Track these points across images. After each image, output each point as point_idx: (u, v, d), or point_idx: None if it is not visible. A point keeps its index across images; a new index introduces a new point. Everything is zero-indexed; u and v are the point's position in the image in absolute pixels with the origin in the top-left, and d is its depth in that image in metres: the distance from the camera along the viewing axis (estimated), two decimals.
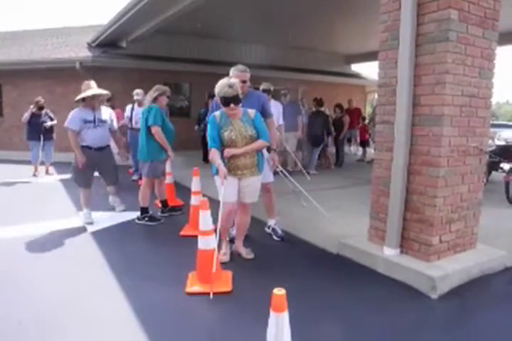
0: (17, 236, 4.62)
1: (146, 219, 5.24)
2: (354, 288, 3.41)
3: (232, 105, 3.52)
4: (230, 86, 3.48)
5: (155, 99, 5.16)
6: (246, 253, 4.00)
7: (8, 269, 3.73)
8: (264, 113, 4.14)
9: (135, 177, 8.10)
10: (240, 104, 3.61)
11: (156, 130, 5.01)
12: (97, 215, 5.51)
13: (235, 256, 3.99)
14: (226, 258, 3.89)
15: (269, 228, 4.67)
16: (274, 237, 4.55)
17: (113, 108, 7.41)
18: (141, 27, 9.37)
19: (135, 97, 7.84)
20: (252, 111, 3.73)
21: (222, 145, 3.63)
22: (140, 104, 7.76)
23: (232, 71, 4.16)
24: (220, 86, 3.53)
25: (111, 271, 3.69)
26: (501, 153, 7.09)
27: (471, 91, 3.53)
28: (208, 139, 3.65)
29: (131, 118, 7.87)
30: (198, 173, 4.89)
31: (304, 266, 3.82)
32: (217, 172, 3.58)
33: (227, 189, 3.59)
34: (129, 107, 8.08)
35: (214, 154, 3.55)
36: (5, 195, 6.98)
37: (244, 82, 4.05)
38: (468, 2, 3.32)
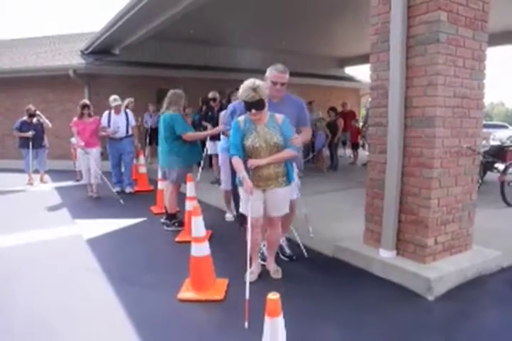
0: (12, 245, 4.59)
1: (177, 224, 5.21)
2: (350, 291, 3.40)
3: (253, 111, 3.19)
4: (254, 89, 3.13)
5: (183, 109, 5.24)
6: (273, 271, 3.61)
7: (3, 278, 3.71)
8: (300, 120, 3.73)
9: (118, 189, 7.64)
10: (265, 109, 3.27)
11: (187, 136, 5.01)
12: (92, 223, 5.50)
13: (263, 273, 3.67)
14: (252, 277, 3.44)
15: None
16: (282, 257, 4.02)
17: (90, 116, 7.14)
18: (134, 34, 9.38)
19: (115, 103, 7.35)
20: (280, 116, 3.34)
21: (244, 154, 3.30)
22: (118, 111, 7.45)
23: (270, 71, 3.63)
24: (244, 88, 3.19)
25: (106, 278, 3.67)
26: (495, 154, 7.11)
27: (463, 93, 3.54)
28: (230, 146, 3.33)
29: (108, 128, 7.40)
30: (192, 179, 4.88)
31: (300, 270, 3.80)
32: (241, 183, 3.29)
33: (250, 202, 3.28)
34: (105, 115, 7.49)
35: (238, 164, 3.24)
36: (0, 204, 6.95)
37: (282, 84, 3.60)
38: (457, 4, 3.34)
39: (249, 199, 3.21)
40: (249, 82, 3.22)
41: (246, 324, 2.72)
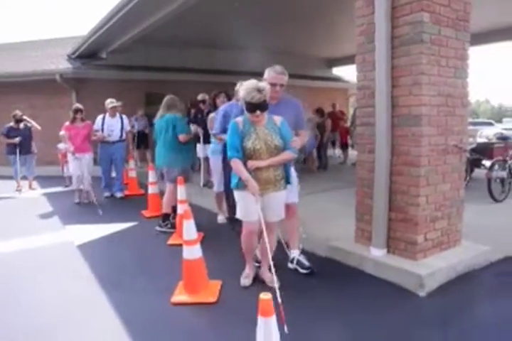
0: (3, 252, 4.57)
1: (169, 225, 5.24)
2: (343, 290, 3.43)
3: (258, 112, 3.11)
4: (259, 90, 3.06)
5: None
6: (270, 280, 3.39)
7: None
8: (297, 123, 3.63)
9: (107, 194, 7.63)
10: (267, 111, 3.20)
11: (182, 137, 5.24)
12: (83, 228, 5.48)
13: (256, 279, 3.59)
14: (247, 282, 3.46)
15: (292, 262, 3.83)
16: (302, 270, 3.75)
17: (83, 120, 7.05)
18: (121, 37, 9.35)
19: (111, 105, 7.31)
20: (278, 118, 3.29)
21: (243, 156, 3.20)
22: (113, 114, 7.41)
23: (268, 73, 3.57)
24: (247, 89, 3.09)
25: (99, 283, 3.66)
26: (482, 151, 7.21)
27: (447, 91, 3.60)
28: (228, 148, 3.21)
29: (102, 131, 7.35)
30: (183, 182, 4.88)
31: (293, 271, 3.82)
32: (239, 186, 3.23)
33: (247, 206, 3.22)
34: (99, 118, 7.45)
35: (239, 166, 3.13)
36: None
37: (282, 85, 3.54)
38: (439, 5, 3.40)
39: (257, 201, 3.09)
40: (251, 84, 3.13)
41: (285, 328, 2.55)
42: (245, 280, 3.47)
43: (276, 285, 2.89)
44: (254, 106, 3.09)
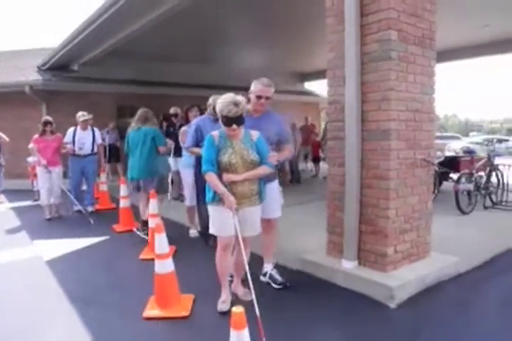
0: None
1: (146, 232, 5.26)
2: (315, 303, 3.44)
3: (234, 126, 3.07)
4: (236, 104, 3.02)
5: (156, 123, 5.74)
6: (243, 294, 3.44)
7: None
8: (280, 138, 3.62)
9: (79, 208, 7.26)
10: (243, 125, 3.16)
11: (161, 149, 5.56)
12: (52, 243, 5.34)
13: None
14: (225, 307, 3.26)
15: (265, 275, 3.82)
16: (274, 285, 3.73)
17: (53, 133, 6.90)
18: (93, 50, 9.29)
19: (82, 118, 7.17)
20: (255, 133, 3.25)
21: (219, 170, 3.14)
22: (85, 127, 7.27)
23: (255, 85, 3.52)
24: (224, 103, 3.05)
25: (69, 300, 3.57)
26: (449, 164, 7.42)
27: (415, 107, 3.71)
28: (204, 161, 3.15)
29: (73, 144, 7.17)
30: (155, 196, 4.84)
31: (264, 284, 3.80)
32: (214, 200, 3.18)
33: (222, 221, 3.17)
34: (70, 131, 7.28)
35: (214, 179, 3.07)
36: None
37: (267, 98, 3.50)
38: (406, 24, 3.52)
39: (234, 216, 3.04)
40: (228, 97, 3.10)
41: None
42: (223, 305, 3.30)
43: (254, 299, 2.84)
44: (231, 120, 3.05)
